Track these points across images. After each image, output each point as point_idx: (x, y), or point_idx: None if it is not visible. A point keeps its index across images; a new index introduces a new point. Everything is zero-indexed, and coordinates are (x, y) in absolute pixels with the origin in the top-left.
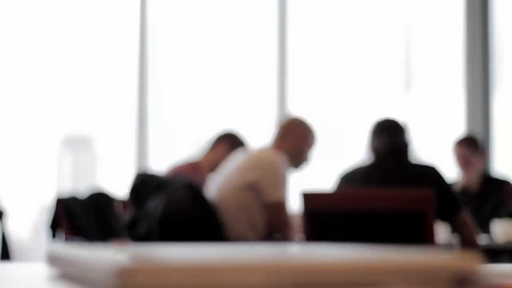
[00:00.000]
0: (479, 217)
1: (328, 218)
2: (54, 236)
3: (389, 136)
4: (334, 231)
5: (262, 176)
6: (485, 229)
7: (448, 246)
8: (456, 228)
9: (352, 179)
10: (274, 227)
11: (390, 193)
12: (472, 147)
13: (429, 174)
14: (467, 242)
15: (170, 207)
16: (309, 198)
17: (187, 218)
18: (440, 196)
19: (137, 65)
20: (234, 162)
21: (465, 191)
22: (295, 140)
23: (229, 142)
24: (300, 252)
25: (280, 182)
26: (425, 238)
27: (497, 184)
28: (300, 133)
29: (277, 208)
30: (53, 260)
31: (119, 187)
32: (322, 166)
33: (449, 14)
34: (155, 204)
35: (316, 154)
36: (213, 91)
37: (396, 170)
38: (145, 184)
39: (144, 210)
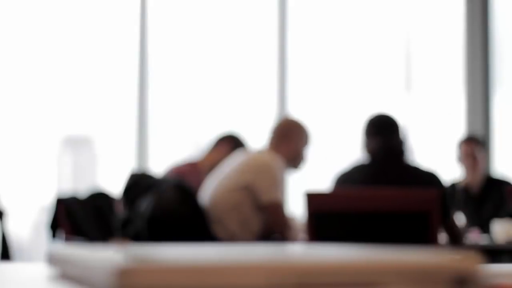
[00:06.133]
0: (480, 217)
1: (332, 218)
2: (54, 236)
3: (384, 136)
4: (338, 231)
5: (257, 178)
6: (485, 229)
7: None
8: (446, 229)
9: (348, 180)
10: (273, 227)
11: (394, 193)
12: (479, 146)
13: (430, 179)
14: (455, 242)
15: (159, 207)
16: (314, 198)
17: (175, 218)
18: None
19: (137, 65)
20: (231, 163)
21: (466, 191)
22: (291, 141)
23: (230, 143)
24: (300, 253)
25: (276, 184)
26: (429, 238)
27: (498, 185)
28: (295, 134)
29: (274, 209)
30: (53, 260)
31: (119, 187)
32: (322, 167)
33: (449, 14)
34: (145, 204)
35: (316, 154)
36: (213, 91)
37: (394, 171)
38: (137, 184)
39: (136, 210)
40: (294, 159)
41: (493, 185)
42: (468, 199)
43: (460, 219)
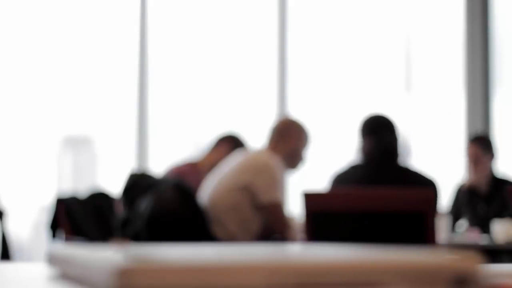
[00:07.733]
0: (486, 217)
1: (329, 218)
2: (54, 236)
3: (375, 136)
4: (336, 231)
5: (256, 178)
6: (486, 229)
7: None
8: None
9: (344, 180)
10: (273, 227)
11: (392, 193)
12: (484, 146)
13: (424, 183)
14: None
15: (159, 207)
16: (312, 198)
17: (175, 218)
18: None
19: (137, 65)
20: (230, 163)
21: (472, 191)
22: (290, 141)
23: (230, 144)
24: (300, 252)
25: (275, 183)
26: (426, 238)
27: (505, 185)
28: (294, 134)
29: (274, 209)
30: (53, 260)
31: (119, 187)
32: (321, 167)
33: (449, 14)
34: (145, 204)
35: (316, 154)
36: (213, 91)
37: (388, 173)
38: (137, 184)
39: (135, 210)
40: (293, 159)
41: (501, 185)
42: (474, 199)
43: (464, 221)
